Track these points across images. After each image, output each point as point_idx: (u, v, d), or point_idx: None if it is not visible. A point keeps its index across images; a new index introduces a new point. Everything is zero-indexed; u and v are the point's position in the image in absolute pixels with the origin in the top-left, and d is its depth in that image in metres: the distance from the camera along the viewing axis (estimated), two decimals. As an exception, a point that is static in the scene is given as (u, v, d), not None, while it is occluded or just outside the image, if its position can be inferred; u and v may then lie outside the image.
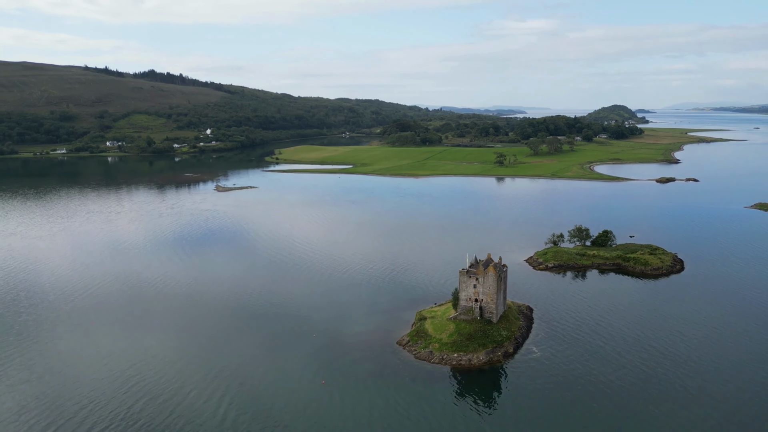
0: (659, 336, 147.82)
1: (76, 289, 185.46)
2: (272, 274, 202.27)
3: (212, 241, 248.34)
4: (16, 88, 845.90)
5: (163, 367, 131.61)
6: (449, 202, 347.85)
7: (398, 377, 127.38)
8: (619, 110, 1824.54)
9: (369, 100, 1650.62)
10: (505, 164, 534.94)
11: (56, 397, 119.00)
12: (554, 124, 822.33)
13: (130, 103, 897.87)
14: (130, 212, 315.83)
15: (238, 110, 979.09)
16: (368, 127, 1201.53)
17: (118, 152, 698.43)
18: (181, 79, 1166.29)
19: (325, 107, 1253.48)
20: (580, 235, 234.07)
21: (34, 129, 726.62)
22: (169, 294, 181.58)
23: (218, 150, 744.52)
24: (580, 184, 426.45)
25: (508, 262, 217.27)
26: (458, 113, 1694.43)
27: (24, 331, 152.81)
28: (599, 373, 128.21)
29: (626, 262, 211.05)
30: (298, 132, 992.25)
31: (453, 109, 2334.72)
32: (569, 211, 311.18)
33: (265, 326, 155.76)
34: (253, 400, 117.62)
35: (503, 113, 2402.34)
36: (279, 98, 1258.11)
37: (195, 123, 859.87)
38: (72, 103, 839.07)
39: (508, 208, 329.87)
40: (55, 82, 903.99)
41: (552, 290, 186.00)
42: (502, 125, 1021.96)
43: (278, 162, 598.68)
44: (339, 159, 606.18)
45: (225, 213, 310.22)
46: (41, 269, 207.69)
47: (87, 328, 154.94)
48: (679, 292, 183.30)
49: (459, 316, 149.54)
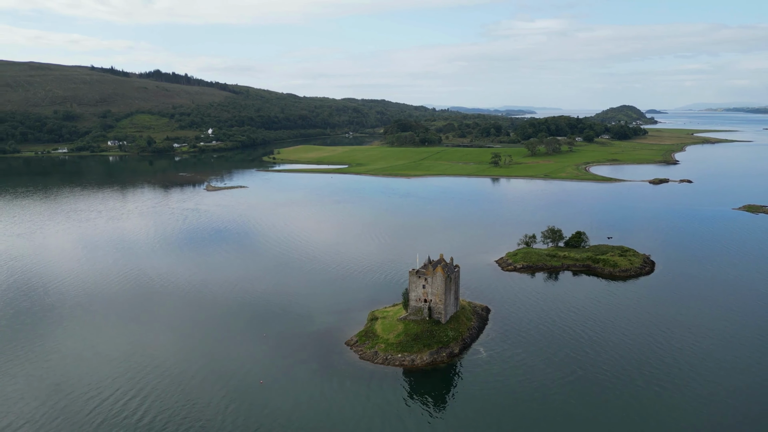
0: (613, 340, 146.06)
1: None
2: (234, 272, 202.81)
3: (182, 239, 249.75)
4: (21, 87, 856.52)
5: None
6: (434, 203, 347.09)
7: (338, 378, 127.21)
8: (628, 110, 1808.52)
9: (375, 100, 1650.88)
10: (500, 165, 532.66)
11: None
12: (555, 125, 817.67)
13: (134, 103, 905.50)
14: (111, 210, 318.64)
15: (241, 110, 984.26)
16: (372, 127, 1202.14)
17: (119, 152, 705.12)
18: (186, 79, 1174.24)
19: (329, 107, 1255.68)
20: (553, 236, 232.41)
21: (36, 128, 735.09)
22: (127, 287, 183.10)
23: (218, 150, 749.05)
24: (571, 185, 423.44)
25: (479, 262, 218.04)
26: (465, 113, 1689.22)
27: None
28: (544, 377, 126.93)
29: (596, 263, 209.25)
30: (301, 132, 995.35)
31: (462, 109, 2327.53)
32: (551, 212, 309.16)
33: (214, 323, 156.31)
34: (184, 397, 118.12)
35: (513, 113, 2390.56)
36: (283, 98, 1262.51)
37: (197, 123, 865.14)
38: (76, 102, 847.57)
39: (490, 208, 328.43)
40: (61, 82, 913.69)
41: (515, 291, 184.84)
42: (505, 125, 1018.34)
43: (275, 162, 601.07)
44: (335, 159, 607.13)
45: (205, 212, 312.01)
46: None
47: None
48: (642, 294, 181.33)
49: (409, 316, 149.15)
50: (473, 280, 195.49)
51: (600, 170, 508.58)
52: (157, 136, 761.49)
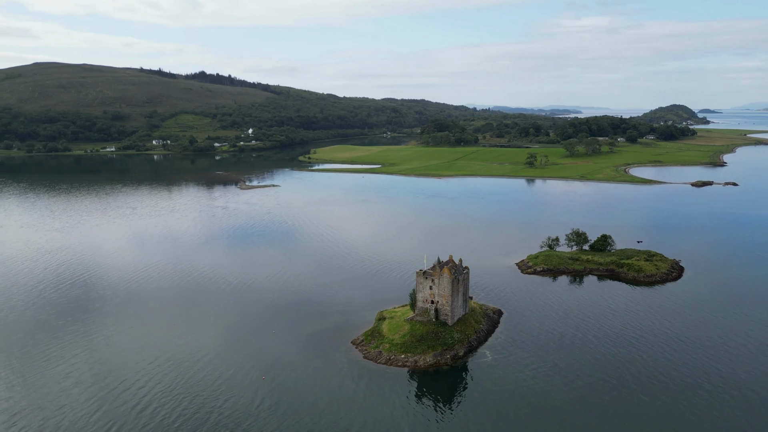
0: (627, 349, 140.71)
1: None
2: (249, 268, 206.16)
3: (205, 236, 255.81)
4: (74, 89, 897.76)
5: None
6: (461, 203, 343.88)
7: (338, 377, 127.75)
8: (678, 110, 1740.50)
9: (414, 100, 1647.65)
10: (535, 165, 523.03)
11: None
12: (597, 125, 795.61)
13: (179, 104, 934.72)
14: (145, 207, 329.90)
15: (282, 110, 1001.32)
16: (410, 127, 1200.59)
17: (163, 150, 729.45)
18: (230, 80, 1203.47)
19: (368, 107, 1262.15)
20: (578, 239, 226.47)
21: (87, 128, 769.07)
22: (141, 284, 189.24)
23: (258, 149, 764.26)
24: (607, 187, 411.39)
25: (498, 264, 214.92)
26: (507, 113, 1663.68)
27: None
28: (547, 384, 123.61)
29: (620, 268, 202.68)
30: (339, 132, 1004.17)
31: (505, 109, 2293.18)
32: (581, 214, 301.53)
33: (225, 318, 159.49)
34: (186, 391, 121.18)
35: (557, 113, 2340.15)
36: (323, 98, 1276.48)
37: (239, 123, 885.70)
38: (125, 103, 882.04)
39: (518, 209, 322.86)
40: (111, 83, 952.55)
41: (530, 295, 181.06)
42: (545, 125, 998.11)
43: (310, 161, 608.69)
44: (369, 159, 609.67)
45: (234, 210, 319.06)
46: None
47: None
48: (664, 302, 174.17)
49: (415, 317, 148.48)
50: (490, 282, 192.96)
51: (640, 172, 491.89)
52: (199, 135, 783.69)
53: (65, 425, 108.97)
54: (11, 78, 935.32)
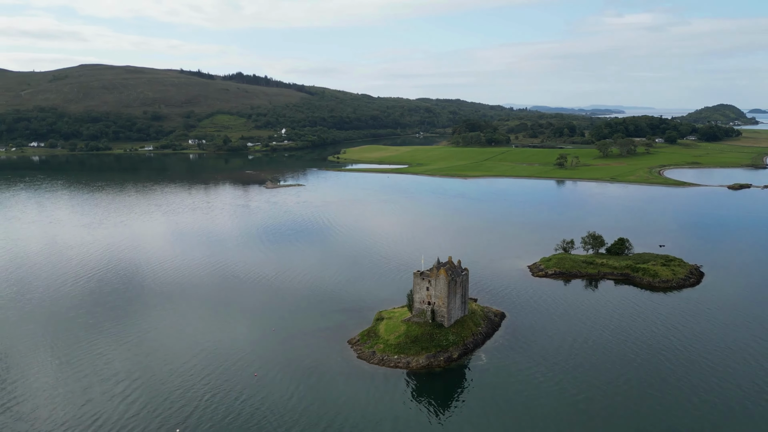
0: (626, 358, 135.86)
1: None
2: (259, 266, 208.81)
3: (222, 234, 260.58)
4: (116, 90, 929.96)
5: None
6: (483, 204, 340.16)
7: (329, 375, 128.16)
8: (725, 110, 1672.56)
9: (449, 100, 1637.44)
10: (565, 166, 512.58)
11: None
12: (635, 125, 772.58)
13: (216, 104, 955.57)
14: (169, 204, 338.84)
15: (315, 111, 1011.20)
16: (444, 127, 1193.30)
17: (198, 150, 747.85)
18: (266, 80, 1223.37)
19: (401, 107, 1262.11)
20: (594, 242, 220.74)
21: (127, 128, 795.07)
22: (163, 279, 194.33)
23: (290, 149, 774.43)
24: (638, 189, 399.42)
25: (509, 266, 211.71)
26: (544, 113, 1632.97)
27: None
28: (539, 391, 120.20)
29: (634, 272, 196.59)
30: (372, 132, 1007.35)
31: (544, 108, 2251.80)
32: (604, 217, 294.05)
33: (231, 314, 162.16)
34: (171, 389, 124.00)
35: (599, 113, 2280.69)
36: (357, 99, 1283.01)
37: (272, 123, 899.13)
38: (164, 103, 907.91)
39: (539, 211, 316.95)
40: (152, 84, 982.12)
41: (537, 298, 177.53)
42: (582, 126, 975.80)
43: (338, 161, 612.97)
44: (397, 159, 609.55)
45: (255, 208, 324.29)
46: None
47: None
48: (677, 309, 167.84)
49: (412, 318, 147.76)
50: (497, 284, 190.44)
51: (676, 174, 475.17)
52: (233, 135, 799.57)
53: (106, 407, 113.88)
54: (58, 79, 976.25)
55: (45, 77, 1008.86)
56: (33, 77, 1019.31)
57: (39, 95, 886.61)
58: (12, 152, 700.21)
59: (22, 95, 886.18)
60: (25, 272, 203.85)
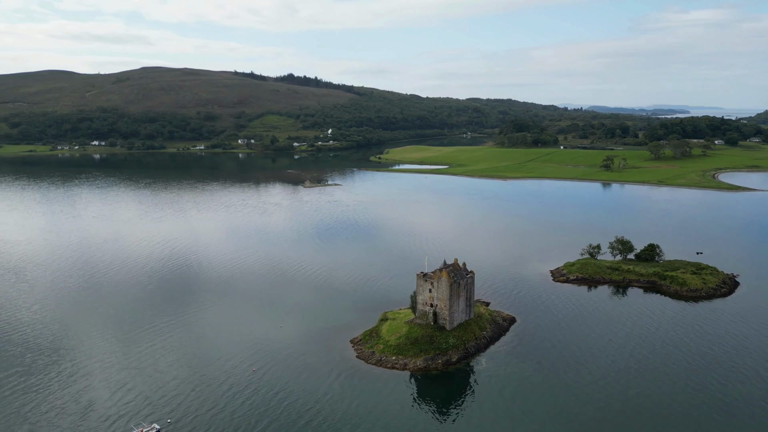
0: (634, 371, 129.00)
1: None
2: (276, 263, 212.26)
3: (245, 231, 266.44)
4: (173, 91, 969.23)
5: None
6: (518, 206, 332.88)
7: (325, 374, 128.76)
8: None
9: (500, 99, 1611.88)
10: (611, 168, 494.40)
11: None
12: (693, 126, 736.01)
13: (266, 105, 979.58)
14: (205, 202, 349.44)
15: (362, 111, 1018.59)
16: (492, 127, 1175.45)
17: (246, 149, 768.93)
18: (316, 81, 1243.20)
19: (449, 107, 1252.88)
20: (622, 247, 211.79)
21: (181, 127, 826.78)
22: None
23: (335, 149, 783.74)
24: (685, 193, 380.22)
25: (531, 271, 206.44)
26: (601, 113, 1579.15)
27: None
28: (531, 401, 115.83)
29: (662, 280, 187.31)
30: (418, 132, 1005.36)
31: (603, 108, 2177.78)
32: (641, 221, 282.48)
33: (242, 309, 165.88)
34: (187, 379, 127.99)
35: (661, 113, 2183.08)
36: (405, 99, 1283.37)
37: (320, 123, 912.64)
38: (216, 104, 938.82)
39: (574, 213, 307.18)
40: (206, 85, 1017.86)
41: (552, 304, 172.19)
42: (639, 126, 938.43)
43: (380, 161, 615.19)
44: (438, 159, 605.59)
45: (287, 207, 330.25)
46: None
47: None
48: (703, 320, 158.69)
49: (415, 320, 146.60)
50: (514, 288, 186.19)
51: (732, 178, 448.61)
52: (280, 135, 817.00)
53: (161, 389, 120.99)
54: (120, 81, 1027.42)
55: (108, 79, 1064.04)
56: (98, 79, 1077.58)
57: (102, 96, 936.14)
58: (75, 150, 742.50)
59: (87, 96, 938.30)
60: (93, 263, 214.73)
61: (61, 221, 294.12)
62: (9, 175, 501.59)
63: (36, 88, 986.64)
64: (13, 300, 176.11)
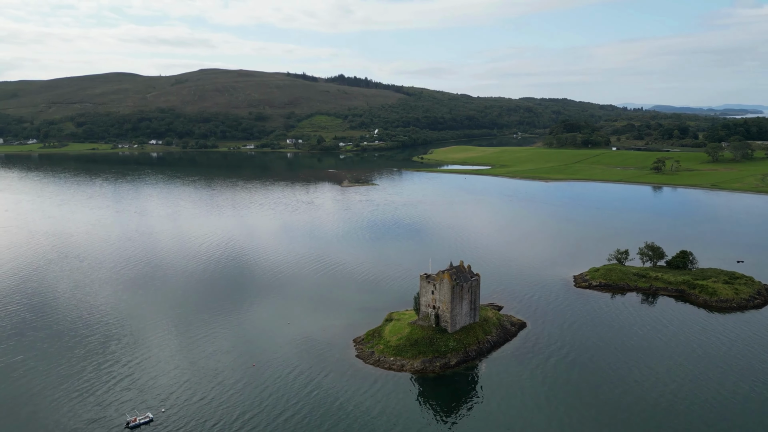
0: (641, 388, 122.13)
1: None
2: (303, 258, 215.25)
3: (272, 228, 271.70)
4: (227, 92, 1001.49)
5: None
6: (554, 208, 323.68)
7: (322, 372, 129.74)
8: None
9: (554, 99, 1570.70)
10: (662, 171, 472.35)
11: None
12: (758, 126, 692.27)
13: (315, 105, 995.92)
14: (241, 200, 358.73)
15: (410, 111, 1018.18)
16: (545, 127, 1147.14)
17: (294, 149, 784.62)
18: (366, 82, 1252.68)
19: (500, 107, 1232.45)
20: (653, 253, 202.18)
21: (233, 127, 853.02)
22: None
23: (380, 149, 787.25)
24: (739, 198, 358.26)
25: (553, 275, 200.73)
26: (663, 112, 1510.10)
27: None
28: (527, 412, 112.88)
29: (691, 289, 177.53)
30: (466, 132, 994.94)
31: (667, 108, 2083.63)
32: (683, 226, 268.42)
33: (258, 304, 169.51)
34: (193, 374, 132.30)
35: (732, 113, 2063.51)
36: (455, 99, 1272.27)
37: (367, 123, 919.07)
38: (268, 105, 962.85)
39: (612, 216, 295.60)
40: (259, 87, 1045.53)
41: (568, 310, 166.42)
42: (702, 126, 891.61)
43: (422, 161, 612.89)
44: (482, 160, 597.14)
45: (318, 205, 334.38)
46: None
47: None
48: (729, 333, 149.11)
49: (418, 321, 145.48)
50: (531, 292, 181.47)
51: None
52: (327, 135, 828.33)
53: (154, 378, 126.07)
54: (179, 83, 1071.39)
55: (168, 81, 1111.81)
56: (158, 81, 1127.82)
57: (161, 97, 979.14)
58: (134, 149, 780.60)
59: (148, 98, 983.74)
60: (157, 258, 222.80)
61: (111, 215, 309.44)
62: (71, 171, 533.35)
63: (101, 90, 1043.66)
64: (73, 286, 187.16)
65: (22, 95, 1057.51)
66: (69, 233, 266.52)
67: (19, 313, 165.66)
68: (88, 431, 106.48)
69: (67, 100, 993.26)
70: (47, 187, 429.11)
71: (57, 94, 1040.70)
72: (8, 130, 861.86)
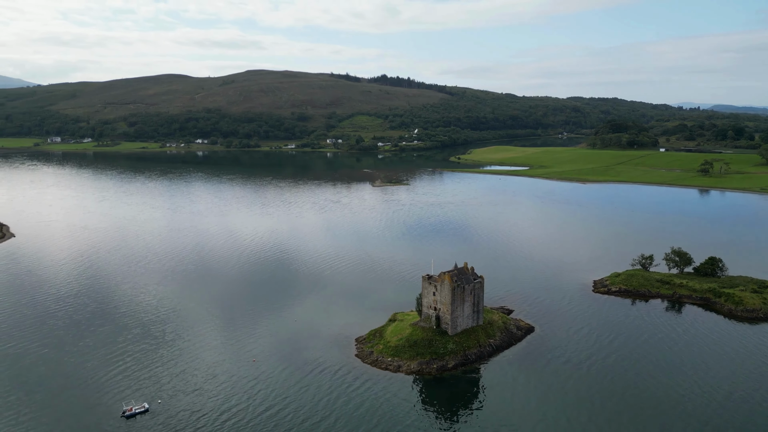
0: (647, 406, 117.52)
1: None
2: (323, 256, 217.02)
3: (287, 226, 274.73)
4: (271, 92, 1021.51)
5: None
6: (587, 210, 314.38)
7: (320, 369, 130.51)
8: None
9: (604, 98, 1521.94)
10: (710, 173, 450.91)
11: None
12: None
13: (357, 105, 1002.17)
14: (264, 198, 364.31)
15: (451, 111, 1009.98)
16: (592, 127, 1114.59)
17: (333, 148, 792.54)
18: (408, 82, 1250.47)
19: (545, 107, 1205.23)
20: (680, 259, 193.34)
21: (276, 127, 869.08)
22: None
23: (418, 149, 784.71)
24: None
25: (573, 279, 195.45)
26: (722, 112, 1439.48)
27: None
28: (522, 421, 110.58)
29: (717, 297, 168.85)
30: (509, 132, 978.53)
31: (727, 107, 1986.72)
32: (719, 231, 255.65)
33: (271, 300, 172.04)
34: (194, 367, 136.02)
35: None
36: (499, 98, 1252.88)
37: (407, 123, 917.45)
38: (310, 105, 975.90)
39: (645, 221, 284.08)
40: (302, 87, 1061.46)
41: (581, 316, 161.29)
42: (761, 127, 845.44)
43: (459, 162, 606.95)
44: (521, 160, 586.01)
45: (345, 204, 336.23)
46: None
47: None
48: (750, 347, 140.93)
49: (419, 323, 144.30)
50: (546, 296, 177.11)
51: None
52: (366, 135, 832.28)
53: (146, 368, 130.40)
54: (226, 84, 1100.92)
55: (216, 82, 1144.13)
56: (207, 82, 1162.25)
57: (209, 98, 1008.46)
58: (181, 148, 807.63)
59: (196, 98, 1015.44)
60: (207, 255, 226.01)
61: (147, 212, 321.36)
62: (122, 168, 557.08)
63: (154, 90, 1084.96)
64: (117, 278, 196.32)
65: (81, 96, 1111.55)
66: (103, 228, 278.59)
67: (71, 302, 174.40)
68: (84, 417, 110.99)
69: (121, 101, 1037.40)
70: (110, 183, 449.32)
71: (113, 95, 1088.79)
72: (66, 129, 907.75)
